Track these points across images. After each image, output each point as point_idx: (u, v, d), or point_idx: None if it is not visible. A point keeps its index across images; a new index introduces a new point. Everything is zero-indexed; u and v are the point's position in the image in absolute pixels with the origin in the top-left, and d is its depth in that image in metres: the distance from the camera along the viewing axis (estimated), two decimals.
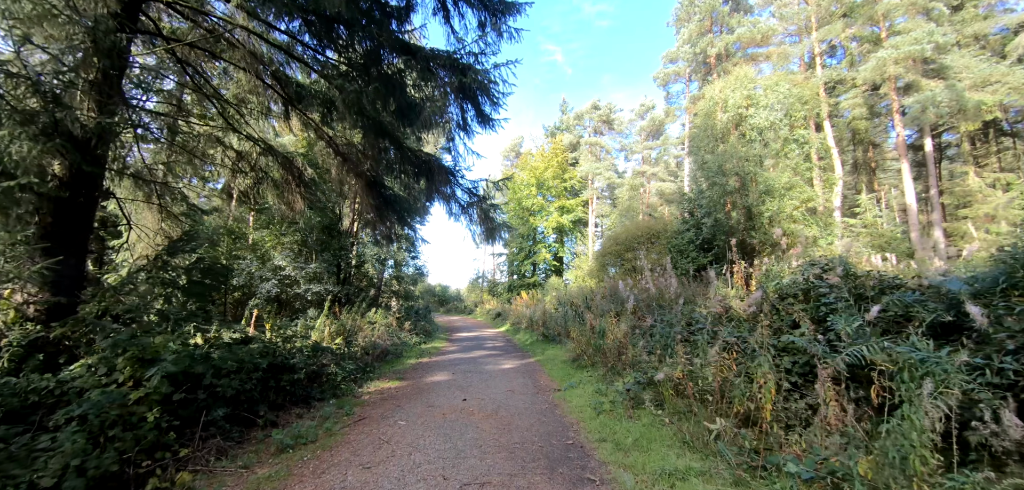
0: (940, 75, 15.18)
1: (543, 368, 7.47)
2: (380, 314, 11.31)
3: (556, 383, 6.17)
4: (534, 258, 29.42)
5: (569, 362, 7.36)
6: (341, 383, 6.01)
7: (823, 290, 4.71)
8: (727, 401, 3.71)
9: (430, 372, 7.44)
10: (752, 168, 13.25)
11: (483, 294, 34.91)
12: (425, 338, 12.70)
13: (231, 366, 4.34)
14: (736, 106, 14.17)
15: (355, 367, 6.91)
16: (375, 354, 8.71)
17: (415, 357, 9.17)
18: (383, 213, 7.49)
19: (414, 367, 8.03)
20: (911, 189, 15.58)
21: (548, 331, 11.46)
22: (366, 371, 7.21)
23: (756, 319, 5.40)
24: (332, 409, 4.96)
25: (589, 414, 4.50)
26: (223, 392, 4.03)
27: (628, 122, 32.47)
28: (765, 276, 8.45)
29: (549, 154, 30.85)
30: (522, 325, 15.04)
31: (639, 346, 5.18)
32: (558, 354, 8.63)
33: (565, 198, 30.26)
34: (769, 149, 14.05)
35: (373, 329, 10.72)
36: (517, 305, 18.69)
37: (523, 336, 13.20)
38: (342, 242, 14.73)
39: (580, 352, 7.09)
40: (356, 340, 8.81)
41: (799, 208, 13.37)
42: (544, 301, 16.49)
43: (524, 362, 8.32)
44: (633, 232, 14.86)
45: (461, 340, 13.22)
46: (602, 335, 6.22)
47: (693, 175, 19.58)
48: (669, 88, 25.20)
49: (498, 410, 4.86)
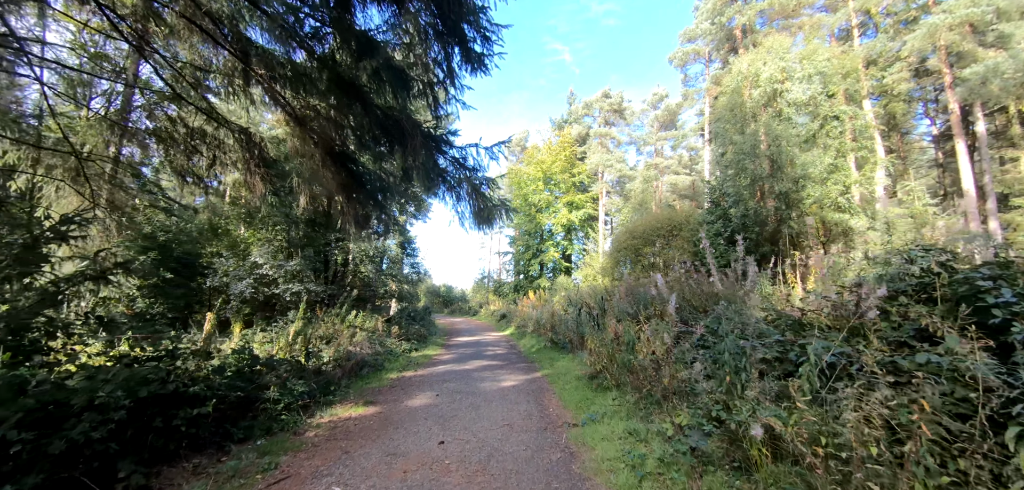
0: (1002, 45, 13.33)
1: (552, 388, 5.91)
2: (362, 317, 9.84)
3: (570, 413, 4.61)
4: (541, 256, 27.81)
5: (585, 380, 5.79)
6: (282, 413, 4.51)
7: (982, 283, 3.10)
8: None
9: (410, 392, 5.92)
10: (790, 149, 11.55)
11: (489, 294, 33.39)
12: (418, 344, 11.21)
13: (78, 403, 2.85)
14: (769, 80, 12.50)
15: (311, 388, 5.41)
16: (348, 367, 7.22)
17: (398, 369, 7.66)
18: (353, 194, 5.99)
19: (393, 384, 6.52)
20: (968, 172, 13.69)
21: (557, 337, 9.90)
22: (328, 391, 5.71)
23: (858, 328, 3.80)
24: (251, 458, 3.45)
25: (625, 477, 2.93)
26: (47, 449, 2.54)
27: (640, 112, 30.69)
28: (834, 269, 6.79)
29: (557, 147, 29.21)
30: (528, 328, 13.49)
31: (693, 367, 3.59)
32: (570, 367, 7.06)
33: (574, 193, 28.62)
34: (807, 127, 12.33)
35: (353, 335, 9.25)
36: (523, 306, 17.14)
37: (529, 341, 11.65)
38: (327, 237, 13.32)
39: (600, 368, 5.52)
40: (323, 351, 7.32)
41: (845, 194, 11.64)
42: (552, 302, 14.94)
43: (529, 377, 6.77)
44: (652, 224, 13.26)
45: (458, 346, 11.71)
46: (631, 348, 4.64)
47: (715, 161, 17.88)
48: (687, 69, 23.40)
49: (487, 463, 3.32)
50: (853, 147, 12.72)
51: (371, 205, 5.87)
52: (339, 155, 5.84)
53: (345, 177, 5.81)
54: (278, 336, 8.56)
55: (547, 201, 28.72)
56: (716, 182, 14.39)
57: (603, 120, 31.46)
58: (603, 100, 31.03)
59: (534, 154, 30.89)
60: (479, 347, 11.42)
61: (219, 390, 4.05)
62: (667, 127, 30.41)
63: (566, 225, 27.78)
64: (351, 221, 5.96)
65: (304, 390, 5.13)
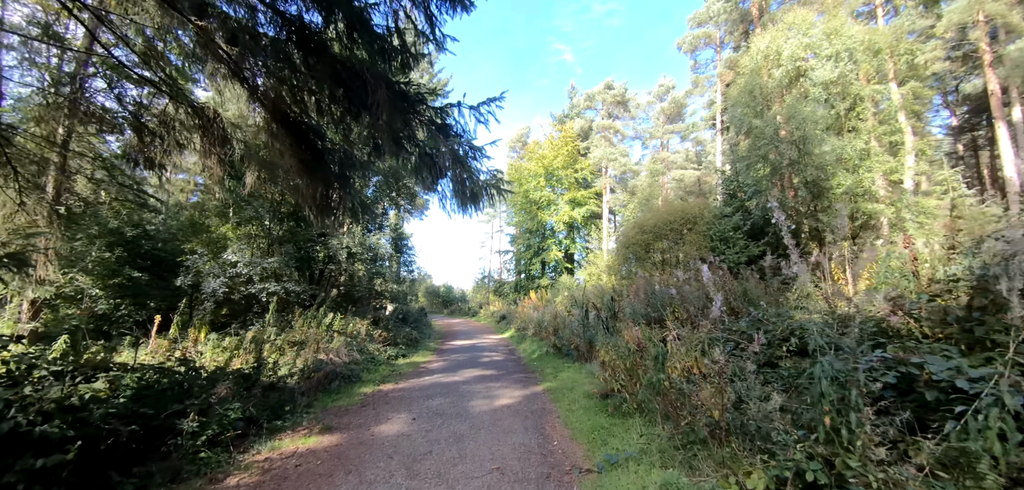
0: None
1: (556, 408, 4.80)
2: (341, 320, 8.75)
3: (581, 449, 3.50)
4: (543, 255, 26.68)
5: (597, 400, 4.68)
6: (202, 450, 3.41)
7: None
8: None
9: (382, 414, 4.82)
10: (818, 132, 10.42)
11: (489, 295, 32.28)
12: (407, 349, 10.11)
13: None
14: (793, 57, 11.38)
15: (253, 412, 4.32)
16: (317, 379, 6.13)
17: (376, 382, 6.56)
18: (316, 172, 4.90)
19: (365, 401, 5.42)
20: (1010, 157, 12.51)
21: (561, 342, 8.79)
22: (280, 413, 4.63)
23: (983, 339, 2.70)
24: None
25: None
26: None
27: (646, 104, 29.45)
28: (929, 257, 5.63)
29: (558, 142, 28.06)
30: (528, 331, 12.40)
31: (768, 401, 2.47)
32: (577, 380, 5.95)
33: (576, 189, 27.47)
34: (835, 109, 11.19)
35: (330, 340, 8.18)
36: (523, 307, 16.03)
37: (529, 346, 10.55)
38: (309, 233, 12.24)
39: (617, 386, 4.41)
40: (281, 361, 6.24)
41: (880, 182, 10.52)
42: (554, 302, 13.84)
43: (528, 393, 5.66)
44: (664, 218, 12.15)
45: (452, 351, 10.62)
46: (660, 363, 3.53)
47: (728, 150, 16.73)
48: (697, 55, 22.11)
49: None
50: (884, 131, 11.60)
51: (334, 185, 4.77)
52: (294, 125, 4.75)
53: (302, 150, 4.72)
54: (240, 343, 7.51)
55: (549, 198, 27.59)
56: (732, 173, 13.27)
57: (606, 113, 30.30)
58: (606, 92, 29.87)
59: (535, 149, 29.77)
60: (474, 352, 10.33)
61: (101, 424, 2.95)
62: (673, 120, 29.22)
63: (568, 222, 26.66)
64: (310, 205, 4.87)
65: (239, 416, 4.03)
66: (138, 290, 11.14)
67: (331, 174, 4.89)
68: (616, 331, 6.30)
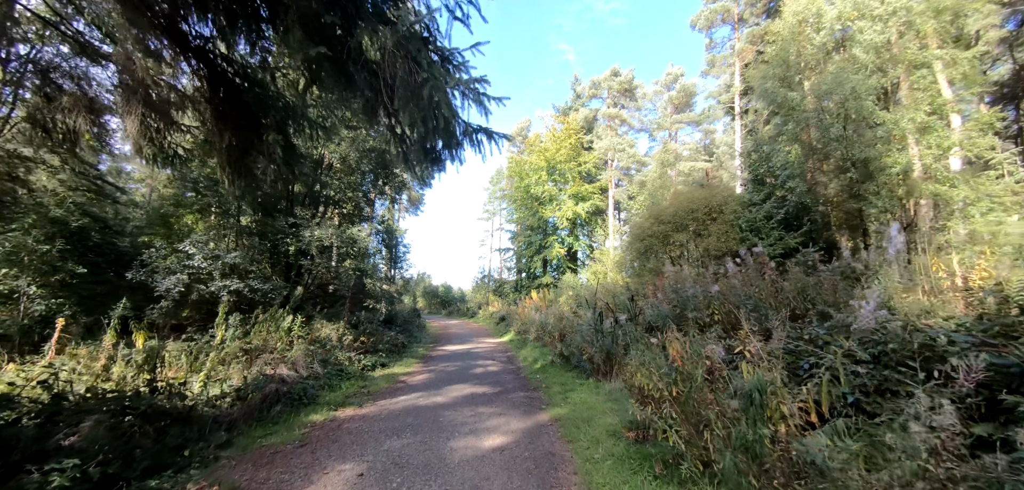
0: None
1: (572, 456, 3.31)
2: (301, 323, 7.28)
3: None
4: (545, 253, 25.14)
5: (630, 443, 3.18)
6: None
7: None
8: None
9: (322, 463, 3.34)
10: (869, 104, 8.91)
11: (489, 295, 30.77)
12: (388, 357, 8.62)
13: None
14: (838, 18, 9.87)
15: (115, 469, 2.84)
16: (251, 402, 4.64)
17: (334, 404, 5.07)
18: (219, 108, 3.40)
19: (307, 437, 3.93)
20: None
21: (568, 350, 7.29)
22: (170, 459, 3.16)
23: None
24: None
25: None
26: None
27: (653, 94, 27.82)
28: None
29: (561, 135, 26.52)
30: (530, 334, 10.91)
31: None
32: (595, 405, 4.45)
33: (580, 184, 25.91)
34: (888, 77, 9.66)
35: (290, 348, 6.72)
36: (524, 308, 14.53)
37: (531, 353, 9.06)
38: (280, 224, 10.77)
39: (663, 428, 2.89)
40: (193, 381, 4.78)
41: (941, 160, 8.99)
42: (558, 302, 12.35)
43: (531, 425, 4.16)
44: (684, 205, 10.62)
45: (441, 359, 9.13)
46: (760, 413, 2.03)
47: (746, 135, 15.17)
48: (713, 33, 20.44)
49: None
50: (940, 103, 10.07)
51: (252, 130, 3.30)
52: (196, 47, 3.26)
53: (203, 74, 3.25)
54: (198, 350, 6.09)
55: (551, 193, 26.05)
56: (759, 156, 11.73)
57: (612, 102, 28.75)
58: (612, 79, 28.32)
59: (536, 143, 28.25)
60: (467, 361, 8.83)
61: None
62: (682, 109, 27.63)
63: (572, 219, 25.12)
64: (222, 158, 3.39)
65: (77, 473, 2.56)
66: (84, 288, 9.71)
67: (248, 114, 3.40)
68: (642, 340, 4.81)
